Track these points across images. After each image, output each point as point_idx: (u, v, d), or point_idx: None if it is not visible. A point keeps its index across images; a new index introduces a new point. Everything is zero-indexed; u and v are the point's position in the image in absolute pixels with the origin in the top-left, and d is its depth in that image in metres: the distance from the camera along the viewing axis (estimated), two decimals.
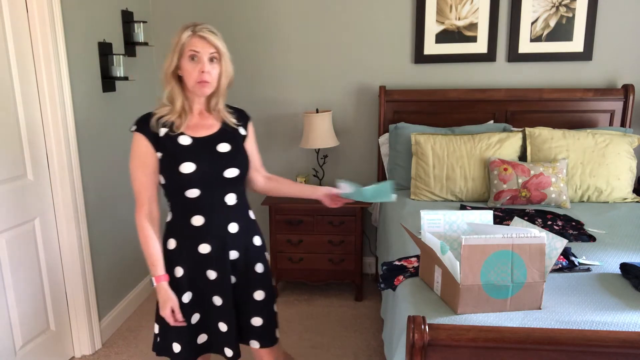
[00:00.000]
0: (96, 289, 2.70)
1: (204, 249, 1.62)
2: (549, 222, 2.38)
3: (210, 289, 1.65)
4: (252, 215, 1.75)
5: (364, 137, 3.43)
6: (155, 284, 1.60)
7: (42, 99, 2.36)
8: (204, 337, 1.70)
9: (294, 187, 1.84)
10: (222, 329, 1.66)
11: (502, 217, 2.43)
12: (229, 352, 1.67)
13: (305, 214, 3.11)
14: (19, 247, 2.27)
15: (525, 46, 3.18)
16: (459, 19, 3.17)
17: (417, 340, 1.28)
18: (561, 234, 2.18)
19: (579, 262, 1.88)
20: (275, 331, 1.78)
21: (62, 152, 2.43)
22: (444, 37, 3.20)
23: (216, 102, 1.62)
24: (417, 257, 1.93)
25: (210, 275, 1.64)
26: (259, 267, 1.72)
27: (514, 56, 3.20)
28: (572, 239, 2.16)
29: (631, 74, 3.16)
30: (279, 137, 3.45)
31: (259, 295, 1.71)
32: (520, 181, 2.69)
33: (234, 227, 1.64)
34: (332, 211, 3.06)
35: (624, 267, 1.79)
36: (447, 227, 1.81)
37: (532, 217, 2.46)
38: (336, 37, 3.30)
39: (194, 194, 1.57)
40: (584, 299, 1.62)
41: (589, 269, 1.85)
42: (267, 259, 1.78)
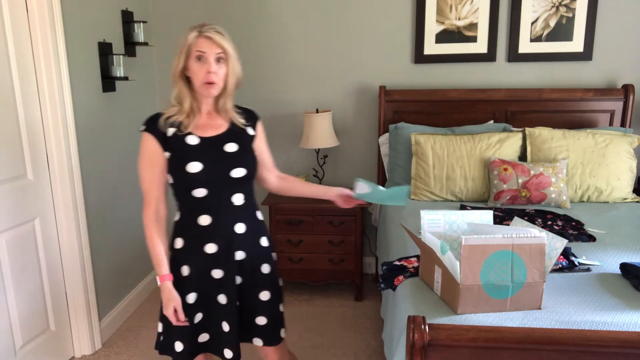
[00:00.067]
0: (96, 289, 2.70)
1: (210, 248, 1.62)
2: (549, 222, 2.38)
3: (215, 288, 1.65)
4: (259, 216, 1.74)
5: (364, 137, 3.43)
6: (159, 283, 1.61)
7: (42, 99, 2.36)
8: (205, 337, 1.70)
9: (306, 187, 1.84)
10: (225, 328, 1.66)
11: (502, 217, 2.43)
12: (229, 353, 1.66)
13: (305, 214, 3.11)
14: (19, 247, 2.27)
15: (525, 46, 3.18)
16: (459, 19, 3.18)
17: (417, 340, 1.28)
18: (561, 234, 2.18)
19: (579, 262, 1.88)
20: (280, 331, 1.78)
21: (62, 152, 2.43)
22: (444, 37, 3.20)
23: (224, 103, 1.62)
24: (417, 257, 1.93)
25: (215, 274, 1.64)
26: (265, 268, 1.72)
27: (514, 56, 3.20)
28: (572, 239, 2.16)
29: (631, 74, 3.16)
30: (279, 137, 3.45)
31: (265, 295, 1.71)
32: (520, 181, 2.69)
33: (240, 228, 1.64)
34: (332, 211, 3.06)
35: (624, 267, 1.79)
36: (447, 227, 1.81)
37: (532, 217, 2.46)
38: (336, 37, 3.30)
39: (200, 193, 1.57)
40: (584, 299, 1.62)
41: (589, 269, 1.85)
42: (275, 259, 1.78)
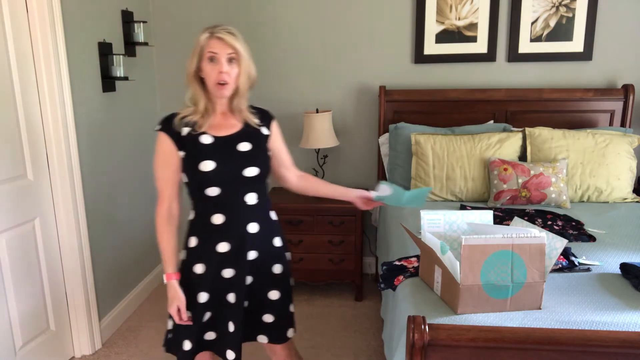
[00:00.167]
0: (96, 289, 2.70)
1: (222, 247, 1.62)
2: (549, 222, 2.38)
3: (225, 287, 1.66)
4: (273, 215, 1.75)
5: (364, 137, 3.43)
6: (165, 281, 1.63)
7: (42, 99, 2.36)
8: (212, 335, 1.70)
9: (326, 187, 1.84)
10: (230, 329, 1.66)
11: (502, 217, 2.43)
12: (231, 354, 1.66)
13: (305, 214, 3.11)
14: (19, 247, 2.27)
15: (525, 46, 3.18)
16: (459, 19, 3.18)
17: (417, 340, 1.28)
18: (561, 234, 2.18)
19: (579, 262, 1.88)
20: (287, 330, 1.78)
21: (62, 152, 2.43)
22: (444, 37, 3.20)
23: (238, 103, 1.63)
24: (417, 257, 1.93)
25: (226, 273, 1.65)
26: (277, 268, 1.72)
27: (514, 56, 3.20)
28: (572, 239, 2.16)
29: (631, 74, 3.16)
30: None
31: (274, 294, 1.72)
32: (520, 181, 2.69)
33: (253, 227, 1.64)
34: (332, 211, 3.07)
35: (624, 267, 1.79)
36: (447, 227, 1.81)
37: (532, 217, 2.46)
38: (336, 37, 3.30)
39: (213, 192, 1.58)
40: (584, 299, 1.62)
41: (589, 269, 1.85)
42: (288, 259, 1.78)
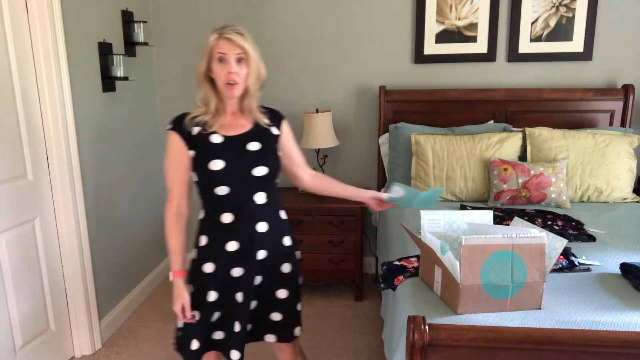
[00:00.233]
0: (96, 289, 2.70)
1: (232, 246, 1.63)
2: (549, 222, 2.38)
3: (234, 286, 1.66)
4: (283, 215, 1.75)
5: (364, 137, 3.43)
6: (171, 279, 1.64)
7: (42, 99, 2.36)
8: (220, 335, 1.70)
9: (339, 187, 1.84)
10: (236, 328, 1.66)
11: (502, 217, 2.43)
12: (236, 354, 1.66)
13: (305, 214, 3.11)
14: (19, 247, 2.27)
15: (525, 46, 3.18)
16: (459, 19, 3.18)
17: (417, 340, 1.28)
18: (561, 234, 2.18)
19: (579, 262, 1.88)
20: (294, 329, 1.78)
21: (62, 152, 2.43)
22: (444, 37, 3.20)
23: (249, 103, 1.64)
24: (417, 257, 1.93)
25: (234, 272, 1.65)
26: (286, 267, 1.72)
27: (514, 56, 3.20)
28: (572, 239, 2.16)
29: (631, 74, 3.16)
30: None
31: (282, 293, 1.72)
32: (520, 181, 2.69)
33: (262, 227, 1.64)
34: (332, 211, 3.07)
35: (624, 267, 1.79)
36: (447, 227, 1.81)
37: (532, 217, 2.46)
38: (336, 37, 3.30)
39: (223, 191, 1.59)
40: (584, 299, 1.62)
41: (589, 269, 1.85)
42: (298, 258, 1.78)
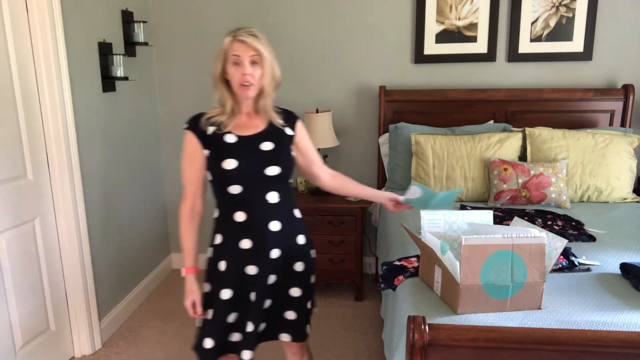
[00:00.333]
0: (96, 289, 2.70)
1: (245, 244, 1.65)
2: (549, 222, 2.38)
3: (248, 285, 1.67)
4: (297, 214, 1.77)
5: (364, 137, 3.43)
6: (183, 275, 1.69)
7: (42, 99, 2.36)
8: (237, 336, 1.71)
9: (357, 188, 1.88)
10: (248, 328, 1.67)
11: (502, 217, 2.43)
12: (247, 354, 1.67)
13: (305, 214, 3.01)
14: (19, 247, 2.27)
15: (525, 46, 3.18)
16: (459, 19, 3.17)
17: (417, 340, 1.28)
18: (561, 234, 2.18)
19: (579, 262, 1.88)
20: (306, 327, 1.80)
21: (62, 152, 2.43)
22: (444, 37, 3.20)
23: (264, 104, 1.67)
24: (417, 257, 1.93)
25: (249, 270, 1.66)
26: (299, 266, 1.74)
27: (514, 56, 3.20)
28: (572, 239, 2.16)
29: (631, 74, 3.16)
30: None
31: (296, 292, 1.74)
32: (520, 181, 2.69)
33: (275, 226, 1.66)
34: (332, 211, 3.07)
35: (624, 267, 1.79)
36: (447, 227, 1.81)
37: (532, 217, 2.46)
38: (336, 37, 3.30)
39: (236, 190, 1.61)
40: (584, 299, 1.62)
41: (589, 269, 1.85)
42: (312, 257, 1.80)
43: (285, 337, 1.77)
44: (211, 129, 1.63)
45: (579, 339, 1.26)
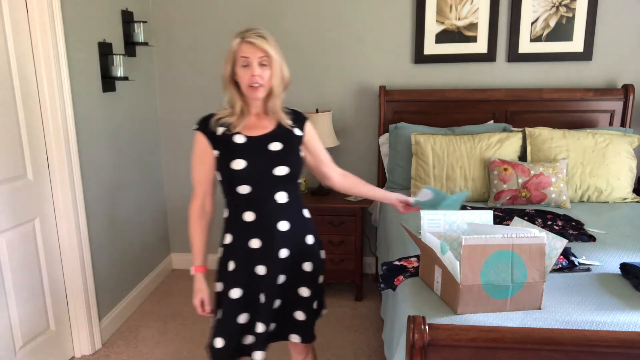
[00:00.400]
0: (96, 289, 2.70)
1: (254, 244, 1.66)
2: (549, 222, 2.38)
3: (258, 285, 1.68)
4: (306, 214, 1.78)
5: (364, 137, 3.43)
6: (192, 273, 1.72)
7: (42, 99, 2.36)
8: (250, 339, 1.71)
9: (367, 188, 1.90)
10: (259, 329, 1.67)
11: (502, 217, 2.43)
12: (259, 355, 1.68)
13: None
14: (19, 247, 2.27)
15: (525, 46, 3.18)
16: (459, 19, 3.18)
17: (417, 340, 1.28)
18: (561, 234, 2.17)
19: (579, 262, 1.88)
20: (314, 328, 1.81)
21: (62, 152, 2.43)
22: (444, 37, 3.20)
23: (273, 105, 1.68)
24: (417, 257, 1.93)
25: (259, 270, 1.67)
26: (307, 266, 1.74)
27: (514, 56, 3.20)
28: (572, 239, 2.16)
29: (631, 74, 3.16)
30: None
31: (305, 292, 1.74)
32: (520, 181, 2.69)
33: (284, 225, 1.67)
34: (332, 211, 3.07)
35: (624, 267, 1.79)
36: (447, 227, 1.81)
37: (532, 217, 2.46)
38: (336, 37, 3.30)
39: (244, 190, 1.62)
40: (584, 299, 1.62)
41: (589, 269, 1.85)
42: (322, 257, 1.81)
43: (294, 338, 1.77)
44: (221, 130, 1.64)
45: (579, 339, 1.26)
